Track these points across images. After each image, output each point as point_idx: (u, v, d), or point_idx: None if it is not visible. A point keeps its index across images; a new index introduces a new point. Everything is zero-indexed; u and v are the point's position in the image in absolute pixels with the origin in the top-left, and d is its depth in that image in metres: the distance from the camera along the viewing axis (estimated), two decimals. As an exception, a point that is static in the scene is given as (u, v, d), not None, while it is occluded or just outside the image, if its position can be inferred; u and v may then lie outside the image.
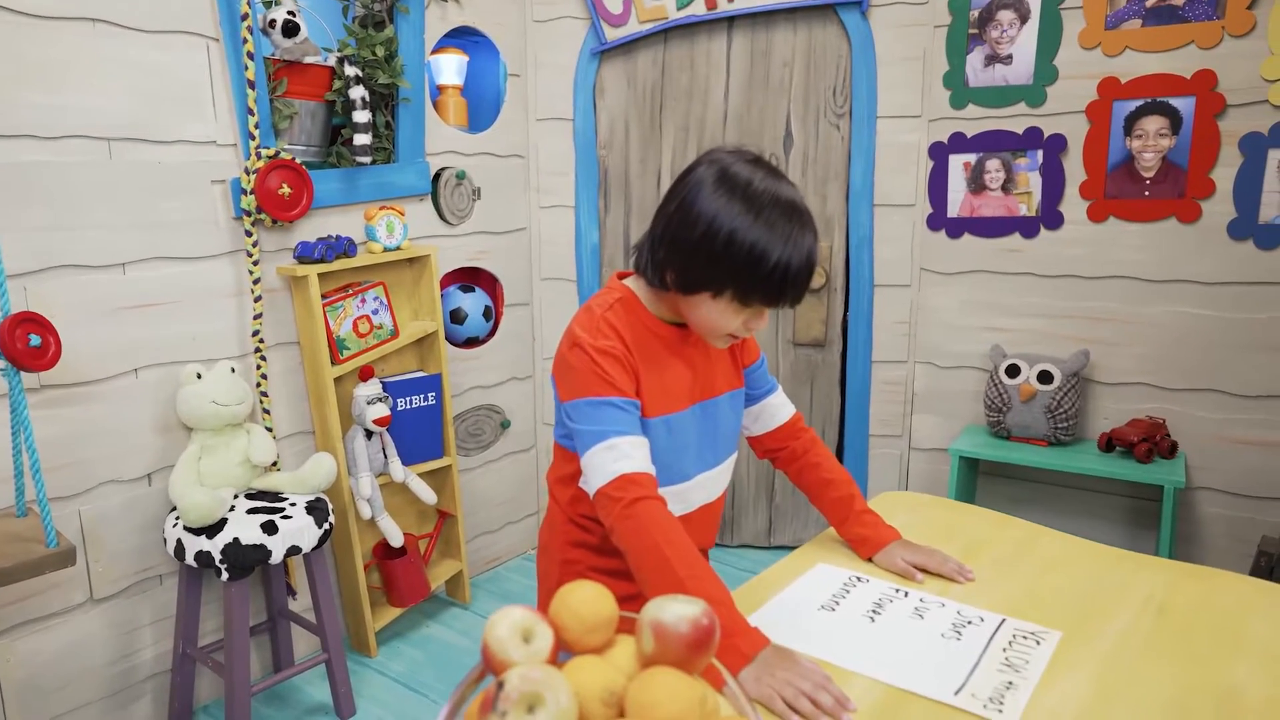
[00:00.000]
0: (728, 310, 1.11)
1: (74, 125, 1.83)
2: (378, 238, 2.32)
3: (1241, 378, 2.36)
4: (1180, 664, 1.02)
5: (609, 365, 1.12)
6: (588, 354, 1.13)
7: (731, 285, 1.08)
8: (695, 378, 1.24)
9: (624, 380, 1.13)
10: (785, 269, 1.06)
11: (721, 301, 1.10)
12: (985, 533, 1.40)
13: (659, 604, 0.78)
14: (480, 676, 0.78)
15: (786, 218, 1.07)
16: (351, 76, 2.24)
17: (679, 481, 1.23)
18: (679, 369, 1.21)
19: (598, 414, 1.11)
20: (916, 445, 2.87)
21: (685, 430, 1.22)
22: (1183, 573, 1.26)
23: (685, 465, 1.24)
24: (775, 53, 2.76)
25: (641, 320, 1.19)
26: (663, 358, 1.20)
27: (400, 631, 2.59)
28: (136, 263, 1.97)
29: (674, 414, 1.20)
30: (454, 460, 2.61)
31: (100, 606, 1.99)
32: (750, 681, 0.96)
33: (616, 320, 1.17)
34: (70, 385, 1.88)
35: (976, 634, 1.08)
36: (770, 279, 1.06)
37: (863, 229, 2.77)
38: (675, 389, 1.21)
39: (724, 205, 1.06)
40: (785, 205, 1.07)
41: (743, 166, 1.09)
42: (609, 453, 1.09)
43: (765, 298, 1.09)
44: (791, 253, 1.06)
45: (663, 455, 1.19)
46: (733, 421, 1.31)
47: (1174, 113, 2.33)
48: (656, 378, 1.18)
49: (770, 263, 1.05)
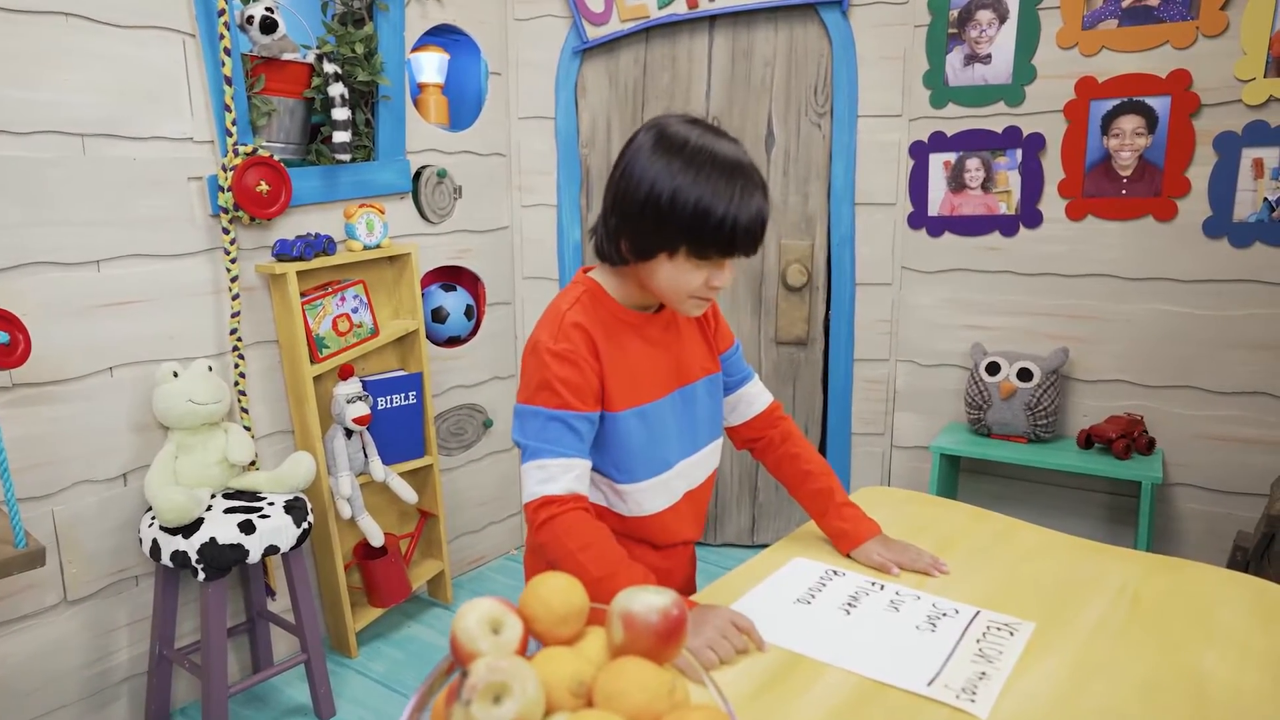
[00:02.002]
0: (686, 268, 1.11)
1: (47, 120, 1.81)
2: (357, 236, 2.31)
3: (1218, 374, 2.38)
4: (1152, 652, 1.02)
5: (564, 373, 1.12)
6: (543, 360, 1.13)
7: (683, 242, 1.09)
8: (671, 364, 1.24)
9: (578, 389, 1.13)
10: (734, 219, 1.07)
11: (679, 260, 1.11)
12: (962, 526, 1.41)
13: (629, 594, 0.78)
14: (449, 669, 0.77)
15: (727, 171, 1.08)
16: (330, 74, 2.22)
17: (661, 471, 1.22)
18: (652, 356, 1.21)
19: (539, 428, 1.12)
20: (898, 443, 2.88)
21: (663, 418, 1.22)
22: (1156, 564, 1.27)
23: (666, 454, 1.23)
24: (757, 52, 2.77)
25: (609, 310, 1.19)
26: (633, 346, 1.19)
27: (381, 632, 2.57)
28: (111, 260, 1.95)
29: (649, 403, 1.20)
30: (435, 459, 2.59)
31: (75, 608, 1.97)
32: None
33: (582, 315, 1.16)
34: (43, 384, 1.86)
35: (951, 625, 1.08)
36: (720, 230, 1.07)
37: (844, 228, 2.78)
38: (649, 377, 1.21)
39: (664, 165, 1.08)
40: (724, 160, 1.09)
41: (681, 126, 1.11)
42: (538, 472, 1.11)
43: (719, 249, 1.09)
44: (737, 202, 1.07)
45: (642, 447, 1.19)
46: (712, 406, 1.31)
47: (1150, 112, 2.35)
48: (627, 367, 1.18)
49: (717, 214, 1.07)
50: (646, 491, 1.21)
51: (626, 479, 1.20)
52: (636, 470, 1.20)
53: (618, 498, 1.22)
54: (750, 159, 1.12)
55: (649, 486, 1.21)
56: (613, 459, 1.19)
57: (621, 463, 1.19)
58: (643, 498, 1.21)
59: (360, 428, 2.31)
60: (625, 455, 1.19)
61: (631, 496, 1.21)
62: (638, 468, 1.19)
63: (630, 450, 1.18)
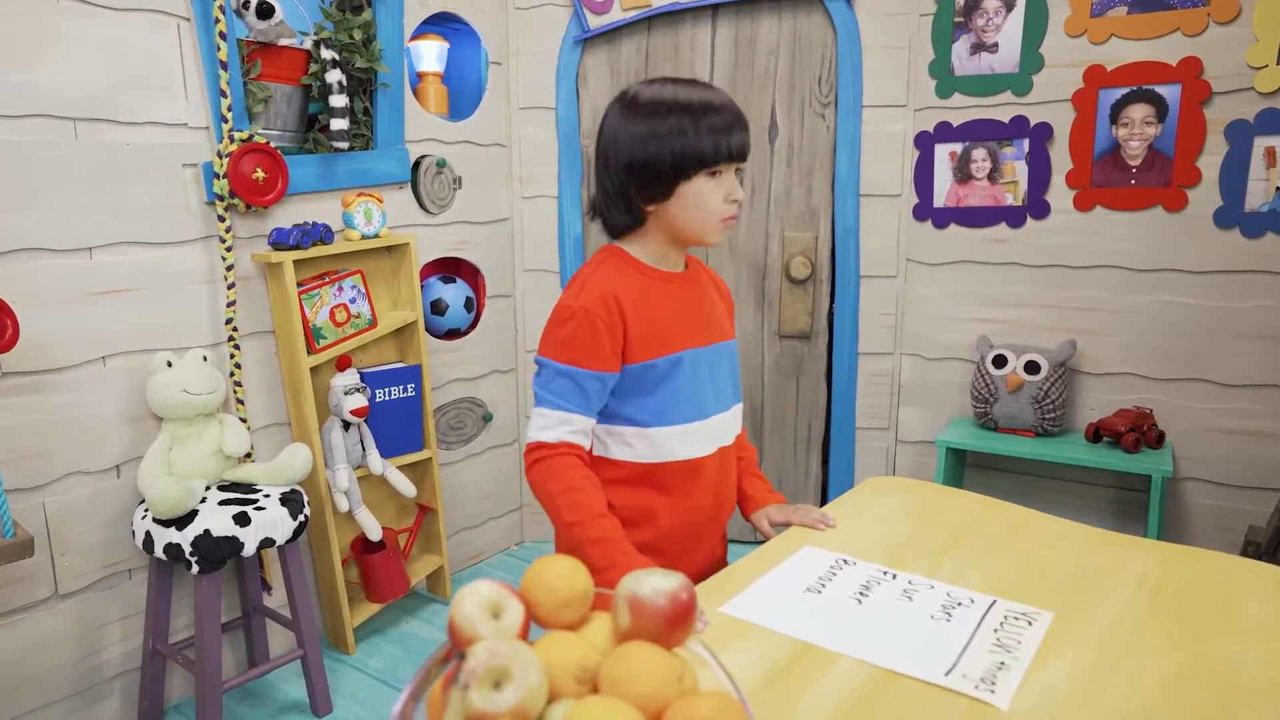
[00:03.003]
0: (706, 189, 1.21)
1: (38, 104, 1.78)
2: (355, 225, 2.27)
3: (1228, 367, 2.34)
4: (1176, 643, 0.99)
5: (578, 331, 1.21)
6: (560, 316, 1.23)
7: (689, 157, 1.19)
8: (703, 319, 1.31)
9: (590, 348, 1.21)
10: (719, 109, 1.20)
11: (697, 183, 1.21)
12: (974, 516, 1.37)
13: (635, 577, 0.74)
14: (447, 656, 0.74)
15: (698, 85, 1.24)
16: (328, 60, 2.19)
17: (696, 419, 1.29)
18: (684, 310, 1.29)
19: (548, 379, 1.23)
20: (903, 438, 2.84)
21: (699, 368, 1.29)
22: (1175, 554, 1.24)
23: (703, 403, 1.30)
24: (760, 41, 2.73)
25: (635, 268, 1.27)
26: (664, 299, 1.27)
27: (379, 628, 2.54)
28: (104, 247, 1.91)
29: (685, 350, 1.27)
30: (434, 453, 2.56)
31: (66, 602, 1.93)
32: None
33: (607, 274, 1.25)
34: (34, 373, 1.82)
35: (967, 615, 1.05)
36: (714, 123, 1.19)
37: (848, 220, 2.75)
38: (683, 328, 1.27)
39: (651, 102, 1.22)
40: (689, 80, 1.25)
41: (642, 84, 1.26)
42: (539, 419, 1.23)
43: (717, 144, 1.19)
44: (719, 100, 1.21)
45: (676, 392, 1.26)
46: (734, 368, 1.39)
47: (1160, 100, 2.31)
48: (658, 319, 1.25)
49: (710, 110, 1.20)
50: (679, 436, 1.27)
51: (657, 421, 1.26)
52: (669, 413, 1.26)
53: (646, 444, 1.26)
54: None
55: (683, 432, 1.27)
56: (644, 404, 1.25)
57: (653, 406, 1.25)
58: (675, 442, 1.27)
59: (358, 420, 2.28)
60: (659, 399, 1.25)
61: (663, 441, 1.26)
62: (671, 411, 1.26)
63: (665, 394, 1.25)
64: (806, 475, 2.98)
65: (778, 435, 2.97)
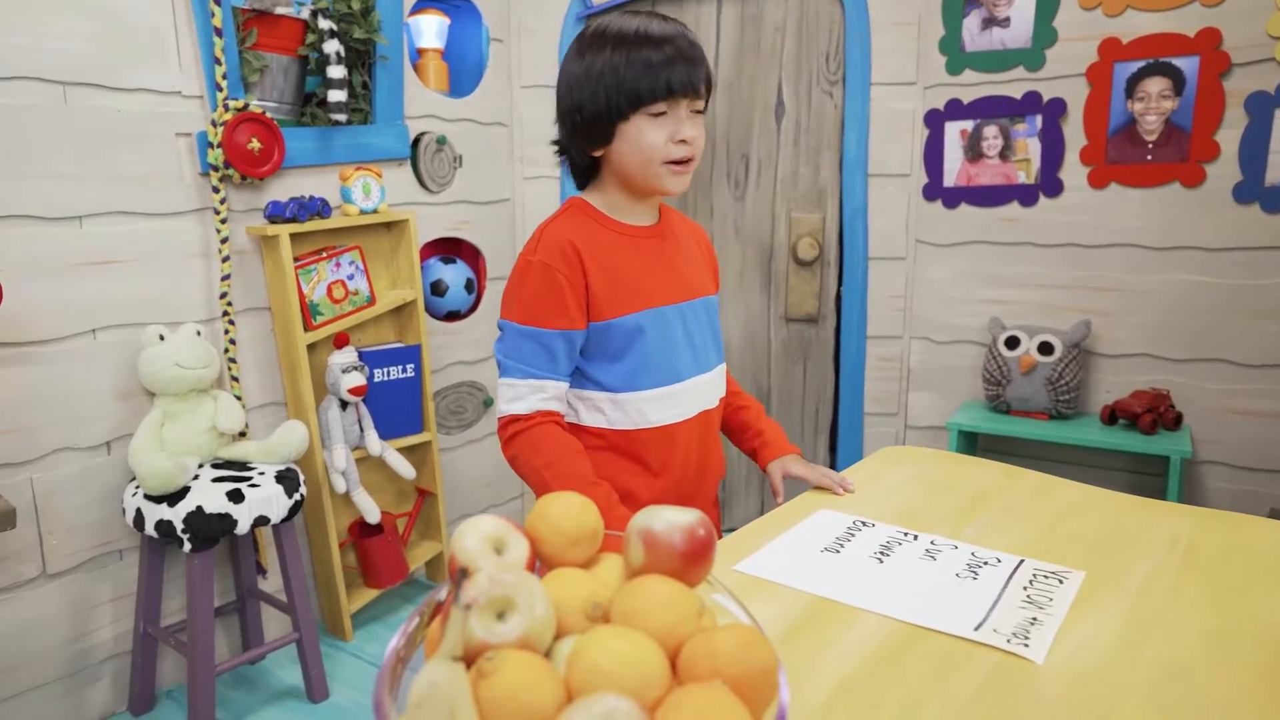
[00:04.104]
0: (645, 128, 1.12)
1: (25, 66, 1.73)
2: (353, 199, 2.22)
3: (1247, 347, 2.29)
4: (1215, 600, 0.93)
5: (539, 288, 1.14)
6: (521, 273, 1.16)
7: (624, 95, 1.10)
8: (673, 276, 1.22)
9: (554, 305, 1.14)
10: (659, 39, 1.11)
11: (636, 122, 1.11)
12: (995, 481, 1.31)
13: (650, 512, 0.69)
14: (446, 601, 0.68)
15: (644, 20, 1.14)
16: (326, 30, 2.14)
17: (672, 382, 1.20)
18: (650, 265, 1.20)
19: (513, 345, 1.16)
20: (913, 423, 2.79)
21: (669, 327, 1.20)
22: (1207, 517, 1.18)
23: (678, 365, 1.21)
24: (766, 18, 2.68)
25: (596, 221, 1.19)
26: (627, 254, 1.18)
27: (377, 615, 2.48)
28: (94, 216, 1.86)
29: (650, 309, 1.18)
30: (434, 436, 2.50)
31: (55, 582, 1.88)
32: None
33: (565, 226, 1.17)
34: (20, 344, 1.77)
35: (994, 573, 0.99)
36: (650, 58, 1.09)
37: (856, 200, 2.70)
38: (648, 285, 1.19)
39: (589, 43, 1.14)
40: (638, 17, 1.15)
41: (602, 18, 1.18)
42: (508, 390, 1.16)
43: (654, 80, 1.10)
44: (659, 28, 1.12)
45: (645, 354, 1.17)
46: (714, 326, 1.31)
47: (1177, 73, 2.26)
48: (621, 274, 1.17)
49: (646, 42, 1.10)
50: (651, 401, 1.18)
51: (626, 386, 1.18)
52: (639, 378, 1.17)
53: (617, 410, 1.19)
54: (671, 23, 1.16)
55: (654, 396, 1.19)
56: (612, 368, 1.17)
57: (622, 370, 1.17)
58: (646, 407, 1.18)
59: (356, 399, 2.22)
60: (627, 362, 1.17)
61: (632, 405, 1.18)
62: (640, 375, 1.17)
63: (633, 357, 1.17)
64: (814, 461, 2.91)
65: (784, 421, 2.92)
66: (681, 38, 1.13)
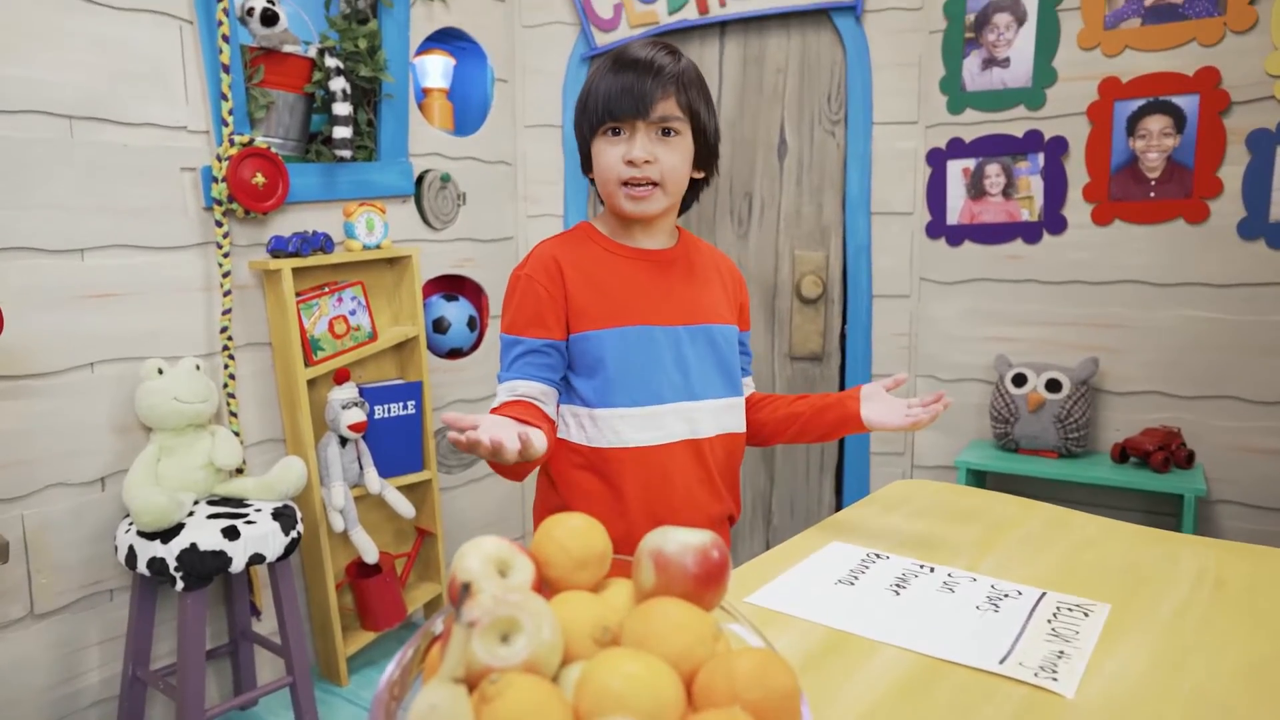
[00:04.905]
0: (603, 148, 1.15)
1: (33, 99, 1.73)
2: (357, 235, 2.22)
3: (1257, 383, 2.26)
4: (1249, 633, 0.89)
5: (521, 299, 1.17)
6: (510, 287, 1.20)
7: (586, 116, 1.15)
8: (674, 300, 1.21)
9: (534, 315, 1.16)
10: (628, 63, 1.12)
11: (598, 144, 1.16)
12: (1010, 514, 1.28)
13: (661, 533, 0.66)
14: (445, 628, 0.65)
15: (642, 43, 1.16)
16: (332, 68, 2.16)
17: (652, 403, 1.18)
18: (643, 285, 1.20)
19: (504, 355, 1.19)
20: (919, 462, 2.75)
21: (655, 348, 1.18)
22: (1230, 550, 1.14)
23: (659, 386, 1.18)
24: (769, 59, 2.71)
25: (594, 241, 1.22)
26: (617, 271, 1.19)
27: (373, 659, 2.41)
28: (97, 249, 1.85)
29: (632, 326, 1.17)
30: (434, 475, 2.46)
31: (42, 623, 1.83)
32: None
33: (557, 244, 1.20)
34: (17, 377, 1.75)
35: (1016, 606, 0.95)
36: (611, 81, 1.12)
37: (860, 238, 2.69)
38: (632, 303, 1.18)
39: (590, 69, 1.27)
40: (647, 40, 1.18)
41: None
42: (499, 395, 1.17)
43: (608, 100, 1.12)
44: (623, 58, 1.13)
45: (622, 371, 1.16)
46: (726, 359, 1.25)
47: (1177, 111, 2.27)
48: (604, 289, 1.18)
49: (619, 65, 1.13)
50: (625, 419, 1.16)
51: (601, 402, 1.16)
52: (614, 394, 1.16)
53: (592, 424, 1.17)
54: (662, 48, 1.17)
55: (629, 414, 1.17)
56: (589, 382, 1.17)
57: (596, 384, 1.16)
58: (620, 425, 1.16)
59: (355, 435, 2.19)
60: (602, 378, 1.16)
61: (606, 422, 1.16)
62: (615, 391, 1.16)
63: (607, 372, 1.16)
64: (819, 502, 2.88)
65: (789, 460, 2.88)
66: (656, 61, 1.12)
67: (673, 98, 1.13)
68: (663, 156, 1.13)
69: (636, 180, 1.14)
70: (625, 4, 2.68)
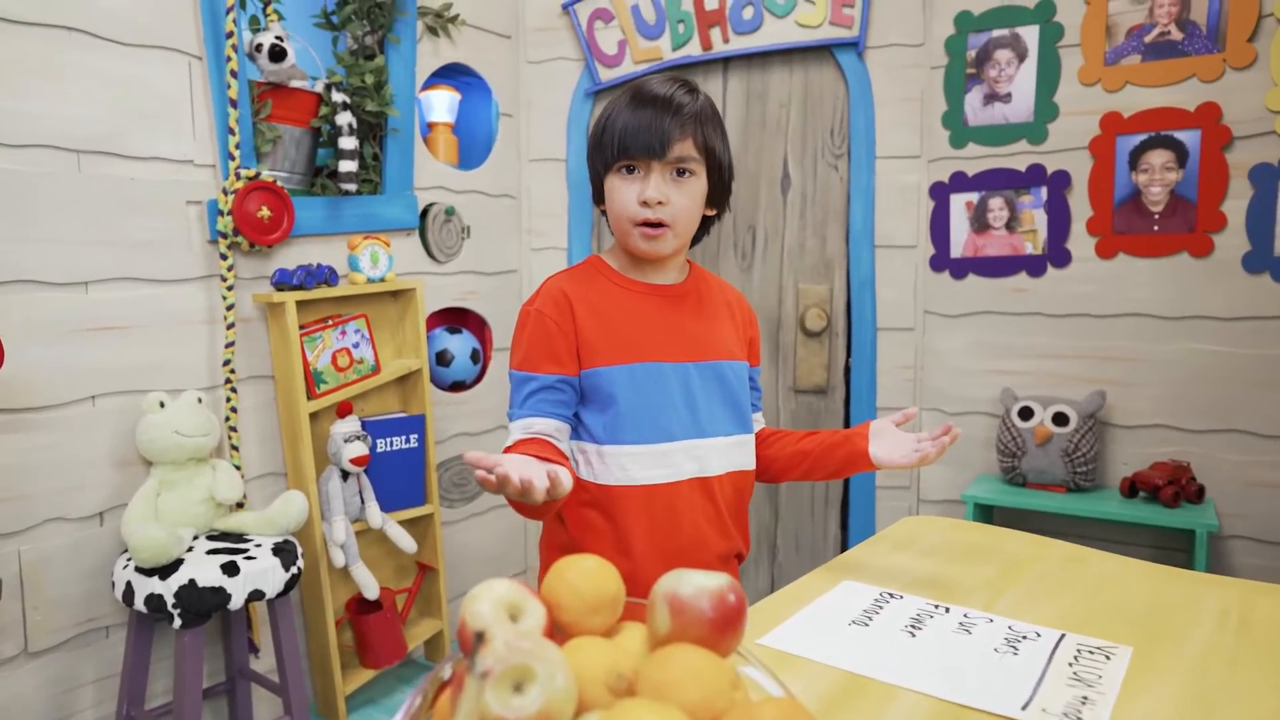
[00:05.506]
0: (618, 185, 1.14)
1: (42, 134, 1.74)
2: (361, 268, 2.22)
3: (1265, 417, 2.24)
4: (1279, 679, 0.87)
5: (530, 335, 1.15)
6: (519, 323, 1.19)
7: (600, 152, 1.15)
8: (683, 336, 1.20)
9: (544, 351, 1.14)
10: (646, 100, 1.12)
11: (611, 181, 1.15)
12: (1025, 551, 1.26)
13: (675, 576, 0.64)
14: (455, 672, 0.63)
15: (660, 79, 1.16)
16: (339, 103, 2.17)
17: (661, 440, 1.16)
18: (652, 321, 1.18)
19: (514, 392, 1.17)
20: (926, 497, 2.72)
21: (665, 385, 1.17)
22: (1252, 590, 1.12)
23: (668, 423, 1.16)
24: (771, 94, 2.73)
25: (604, 275, 1.21)
26: (626, 307, 1.18)
27: (372, 697, 2.37)
28: (101, 282, 1.85)
29: (642, 363, 1.16)
30: (436, 509, 2.44)
31: (36, 661, 1.79)
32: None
33: (566, 278, 1.20)
34: (18, 410, 1.73)
35: (1035, 648, 0.93)
36: (628, 117, 1.12)
37: (864, 271, 2.69)
38: (642, 339, 1.17)
39: (608, 102, 1.19)
40: (664, 76, 1.18)
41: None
42: (513, 433, 1.15)
43: (624, 137, 1.11)
44: (641, 96, 1.13)
45: (632, 407, 1.15)
46: (735, 395, 1.24)
47: (1179, 146, 2.28)
48: (614, 325, 1.17)
49: (636, 101, 1.13)
50: (634, 456, 1.14)
51: (610, 439, 1.15)
52: (623, 431, 1.14)
53: (600, 461, 1.16)
54: (685, 86, 1.16)
55: (638, 452, 1.15)
56: (598, 418, 1.15)
57: (607, 422, 1.15)
58: (628, 462, 1.14)
59: (357, 469, 2.17)
60: (611, 414, 1.14)
61: (614, 459, 1.15)
62: (624, 428, 1.14)
63: (617, 409, 1.14)
64: (825, 536, 2.84)
65: (794, 494, 2.85)
66: (675, 100, 1.12)
67: (690, 138, 1.12)
68: (674, 198, 1.13)
69: (650, 221, 1.14)
70: (630, 40, 2.71)
